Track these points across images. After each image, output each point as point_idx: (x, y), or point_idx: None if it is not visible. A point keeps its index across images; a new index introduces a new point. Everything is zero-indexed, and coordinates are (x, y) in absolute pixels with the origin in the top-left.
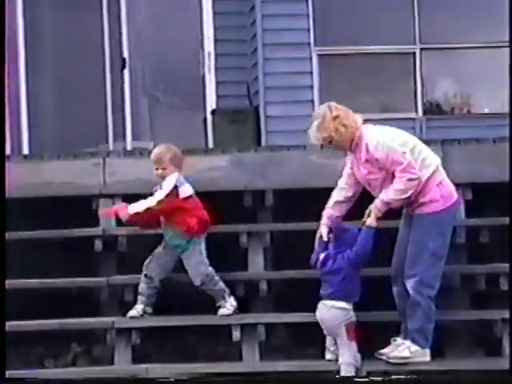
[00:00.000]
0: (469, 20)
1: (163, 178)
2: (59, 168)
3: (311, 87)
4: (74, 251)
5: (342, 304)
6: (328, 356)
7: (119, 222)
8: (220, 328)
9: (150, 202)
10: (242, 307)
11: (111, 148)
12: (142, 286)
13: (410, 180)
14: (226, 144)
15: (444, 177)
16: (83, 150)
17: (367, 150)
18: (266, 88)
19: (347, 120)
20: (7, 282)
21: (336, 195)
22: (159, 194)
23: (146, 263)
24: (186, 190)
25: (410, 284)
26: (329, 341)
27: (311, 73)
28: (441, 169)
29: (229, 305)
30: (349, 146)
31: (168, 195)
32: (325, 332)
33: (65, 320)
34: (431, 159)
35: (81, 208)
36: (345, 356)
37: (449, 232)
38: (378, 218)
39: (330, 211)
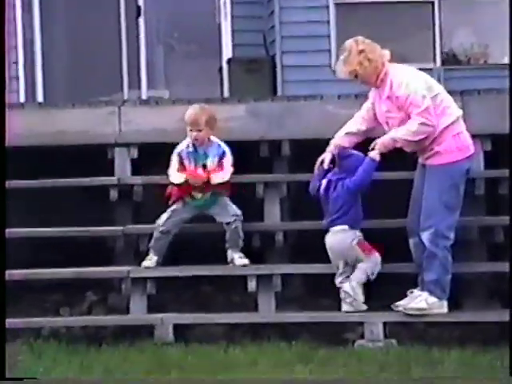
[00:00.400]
0: None
1: (197, 140)
2: (74, 116)
3: (328, 36)
4: (89, 200)
5: (346, 227)
6: (345, 307)
7: (135, 171)
8: (235, 278)
9: (228, 173)
10: (258, 258)
11: (126, 97)
12: (158, 241)
13: (423, 124)
14: (242, 93)
15: (463, 130)
16: (98, 98)
17: (390, 87)
18: (282, 37)
19: (373, 54)
20: (22, 229)
21: (349, 126)
22: (229, 163)
23: (163, 220)
24: None
25: (425, 236)
26: (344, 293)
27: (328, 22)
28: (461, 121)
29: (243, 255)
30: (374, 81)
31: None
32: (340, 268)
33: (80, 269)
34: (452, 109)
35: (96, 157)
36: (355, 274)
37: (462, 184)
38: (383, 155)
39: (339, 141)
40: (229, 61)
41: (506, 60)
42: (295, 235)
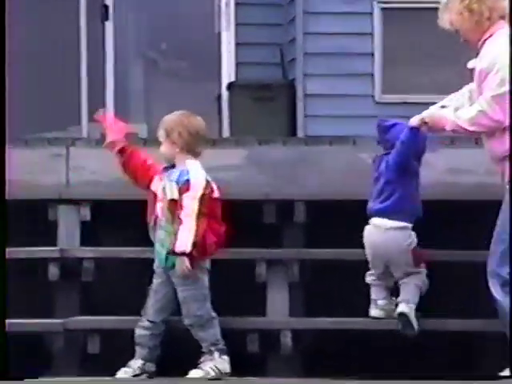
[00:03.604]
0: None
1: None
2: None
3: (371, 54)
4: (19, 279)
5: (397, 223)
6: (373, 312)
7: (84, 240)
8: None
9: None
10: (256, 368)
11: (85, 132)
12: (142, 334)
13: (484, 114)
14: (247, 131)
15: None
16: (40, 134)
17: (482, 55)
18: (306, 54)
19: (480, 5)
20: None
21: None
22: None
23: (145, 305)
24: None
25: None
26: (375, 293)
27: (371, 34)
28: None
29: (212, 365)
30: (476, 40)
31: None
32: (372, 271)
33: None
34: None
35: (32, 217)
36: (408, 292)
37: None
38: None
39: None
40: (230, 85)
41: None
42: (310, 337)
